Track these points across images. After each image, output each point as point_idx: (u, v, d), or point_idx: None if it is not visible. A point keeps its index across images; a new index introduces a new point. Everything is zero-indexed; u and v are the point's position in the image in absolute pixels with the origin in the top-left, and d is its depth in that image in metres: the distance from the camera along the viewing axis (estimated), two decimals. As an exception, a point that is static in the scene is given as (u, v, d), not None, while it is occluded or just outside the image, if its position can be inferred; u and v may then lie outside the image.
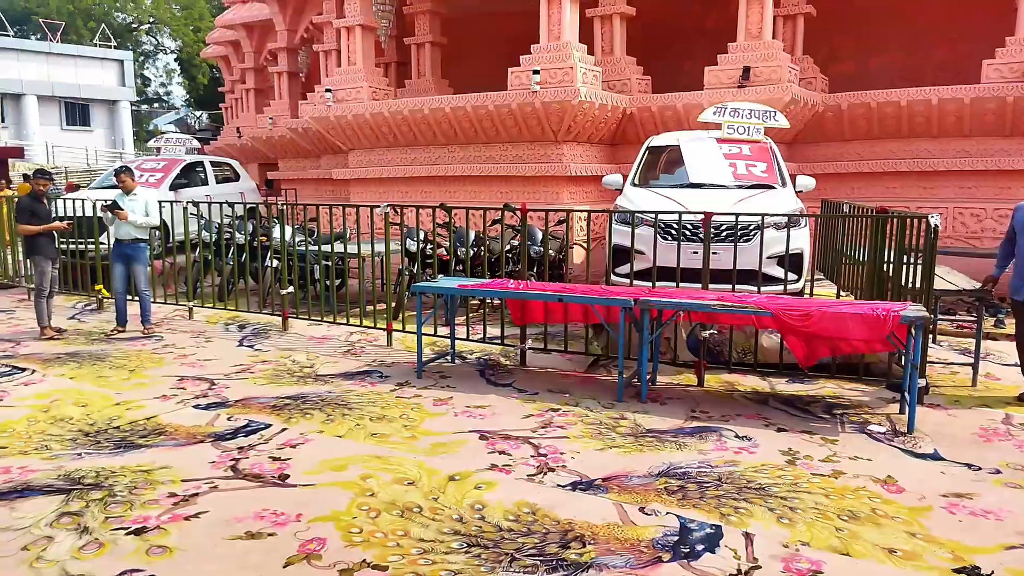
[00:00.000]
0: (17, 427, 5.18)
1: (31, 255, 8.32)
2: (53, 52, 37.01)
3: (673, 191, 7.43)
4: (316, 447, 4.79)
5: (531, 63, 10.48)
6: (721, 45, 10.76)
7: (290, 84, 17.89)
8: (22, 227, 8.11)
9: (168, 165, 13.10)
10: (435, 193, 11.64)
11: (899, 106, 10.59)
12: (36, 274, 8.24)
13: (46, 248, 8.18)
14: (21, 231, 8.24)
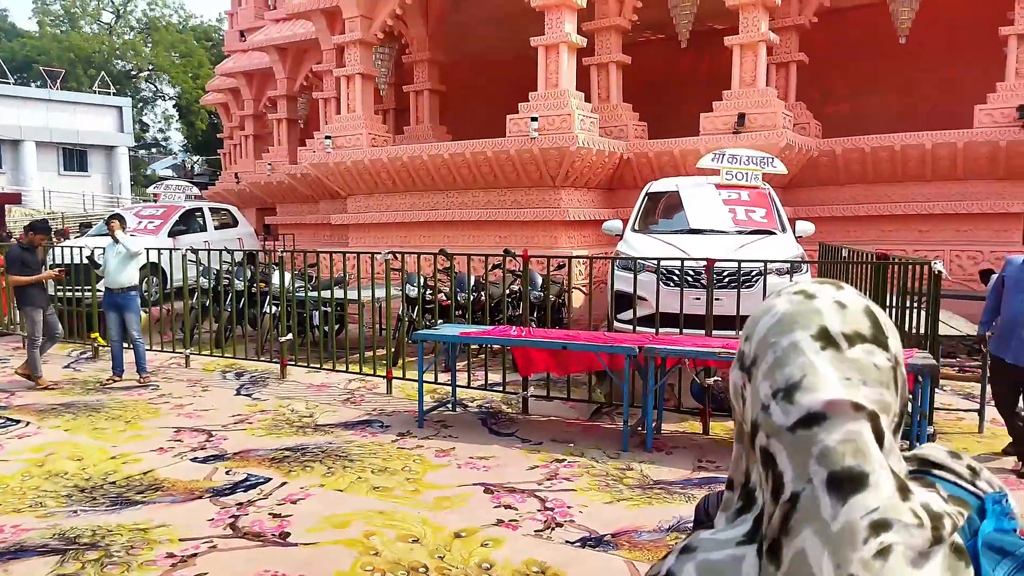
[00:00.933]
0: (11, 482, 5.07)
1: (22, 305, 8.26)
2: (52, 99, 37.36)
3: (674, 237, 7.45)
4: (317, 502, 4.69)
5: (529, 110, 10.59)
6: (715, 92, 10.91)
7: (289, 131, 18.04)
8: (13, 278, 8.03)
9: (167, 212, 13.12)
10: (434, 238, 11.66)
11: (893, 150, 10.71)
12: (27, 324, 8.16)
13: (36, 297, 8.11)
14: (12, 282, 8.17)
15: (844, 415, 0.74)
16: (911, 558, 0.72)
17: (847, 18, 12.74)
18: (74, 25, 47.16)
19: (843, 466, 0.73)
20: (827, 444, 0.74)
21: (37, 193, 34.27)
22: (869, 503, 0.73)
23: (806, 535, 0.73)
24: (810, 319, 0.79)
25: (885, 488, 0.73)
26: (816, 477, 0.74)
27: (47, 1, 47.58)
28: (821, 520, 0.73)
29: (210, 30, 49.00)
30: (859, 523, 0.72)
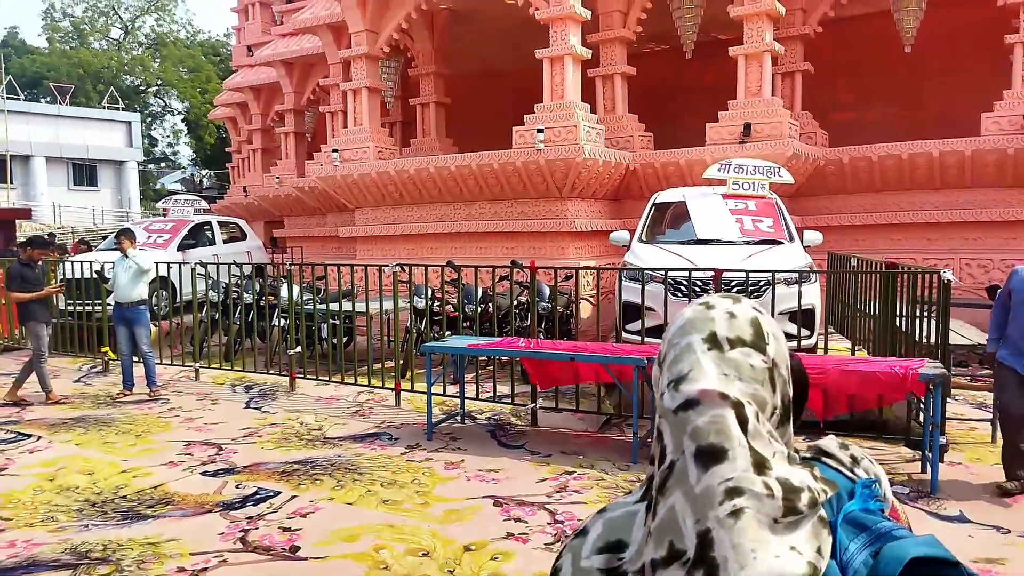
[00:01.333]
0: (22, 497, 5.09)
1: (25, 321, 8.21)
2: (62, 115, 37.71)
3: (681, 247, 7.45)
4: (327, 516, 4.69)
5: (535, 122, 10.63)
6: (720, 102, 10.94)
7: (296, 144, 18.15)
8: (13, 294, 8.02)
9: (176, 226, 13.20)
10: (441, 250, 11.70)
11: (900, 159, 10.69)
12: (32, 339, 8.11)
13: (39, 313, 8.08)
14: (13, 299, 8.17)
15: (713, 402, 0.92)
16: (763, 522, 0.88)
17: (852, 27, 12.76)
18: (83, 41, 47.63)
19: (707, 442, 0.91)
20: (697, 424, 0.92)
21: (47, 208, 34.52)
22: (726, 473, 0.90)
23: (676, 495, 0.91)
24: (704, 325, 0.98)
25: (741, 462, 0.90)
26: (687, 450, 0.92)
27: (56, 18, 48.14)
28: (688, 484, 0.91)
29: (218, 45, 49.41)
30: (716, 488, 0.89)
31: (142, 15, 49.88)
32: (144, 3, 49.33)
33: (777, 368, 0.98)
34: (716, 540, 0.88)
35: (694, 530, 0.89)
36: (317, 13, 14.40)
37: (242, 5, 21.09)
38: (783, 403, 0.98)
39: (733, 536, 0.87)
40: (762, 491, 0.89)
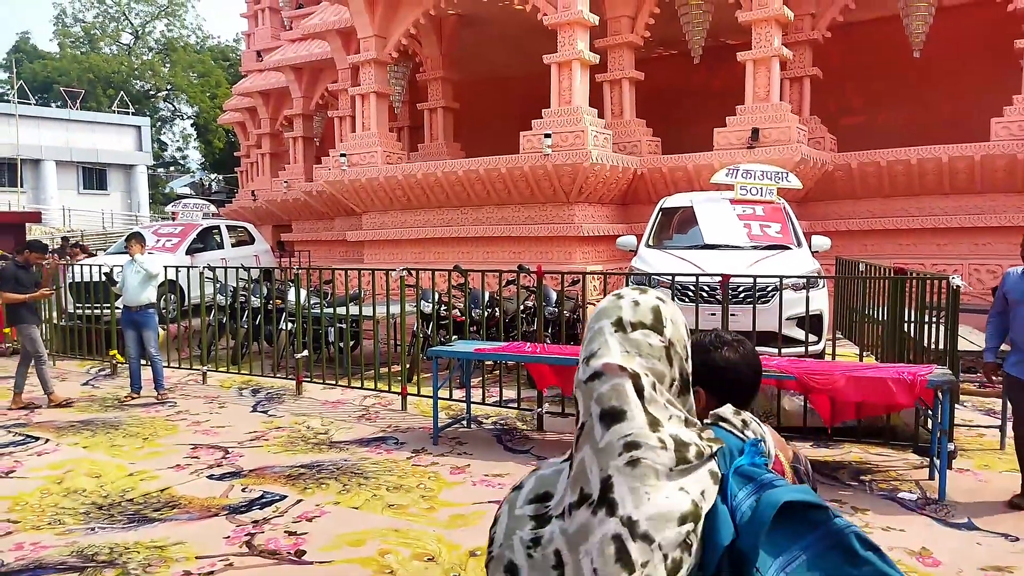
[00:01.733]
0: (30, 500, 5.11)
1: (16, 323, 8.14)
2: (72, 119, 37.99)
3: (688, 252, 7.43)
4: (332, 520, 4.69)
5: (543, 127, 10.64)
6: (728, 107, 10.92)
7: (305, 149, 18.22)
8: (5, 295, 7.97)
9: (185, 230, 13.26)
10: (449, 254, 11.71)
11: (909, 164, 10.65)
12: (27, 342, 8.01)
13: (28, 315, 8.02)
14: (4, 299, 8.15)
15: (614, 374, 1.13)
16: (658, 470, 1.09)
17: (861, 32, 12.73)
18: (94, 46, 47.98)
19: (609, 405, 1.12)
20: (601, 391, 1.13)
21: (57, 212, 34.73)
22: (624, 431, 1.11)
23: (585, 450, 1.13)
24: (613, 312, 1.19)
25: (638, 421, 1.11)
26: (593, 412, 1.13)
27: (67, 23, 48.52)
28: (593, 440, 1.12)
29: (227, 50, 49.70)
30: (616, 443, 1.10)
31: (152, 20, 50.25)
32: (154, 8, 49.68)
33: (674, 347, 1.18)
34: (615, 484, 1.09)
35: (598, 477, 1.11)
36: (326, 19, 14.47)
37: (252, 11, 21.21)
38: (681, 376, 1.19)
39: (630, 481, 1.09)
40: (656, 445, 1.11)
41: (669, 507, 1.08)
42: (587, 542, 1.09)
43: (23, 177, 34.51)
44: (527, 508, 1.21)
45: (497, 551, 1.22)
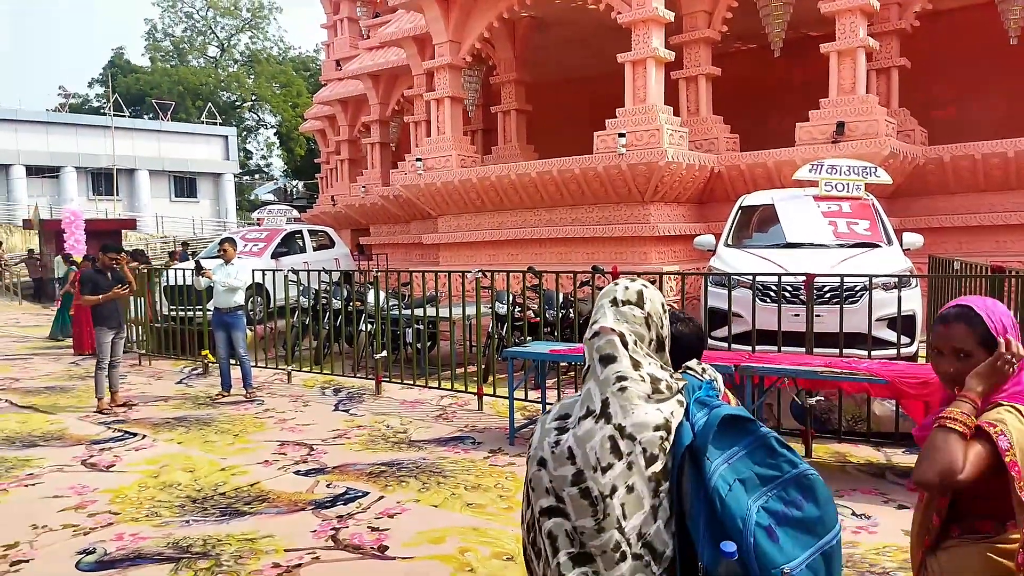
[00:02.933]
0: (129, 493, 5.38)
1: (95, 325, 8.42)
2: (164, 130, 39.93)
3: (769, 251, 7.24)
4: (413, 517, 4.76)
5: (617, 126, 10.56)
6: (810, 100, 10.58)
7: (382, 154, 18.60)
8: (84, 298, 8.25)
9: (270, 235, 13.73)
10: (522, 256, 11.74)
11: (1006, 157, 10.10)
12: (96, 345, 8.28)
13: (107, 319, 8.21)
14: (83, 303, 8.50)
15: (607, 333, 1.72)
16: (640, 395, 1.66)
17: (951, 20, 12.14)
18: (183, 60, 50.25)
19: (605, 352, 1.71)
20: (598, 344, 1.72)
21: (151, 219, 36.54)
22: (616, 368, 1.69)
23: (590, 382, 1.71)
24: (611, 293, 1.80)
25: (624, 363, 1.69)
26: (594, 358, 1.72)
27: (158, 38, 50.96)
28: (596, 375, 1.70)
29: (308, 60, 51.23)
30: (611, 376, 1.69)
31: (237, 33, 52.27)
32: (239, 22, 51.67)
33: (651, 318, 1.78)
34: (610, 403, 1.67)
35: (599, 399, 1.68)
36: (402, 26, 14.74)
37: (331, 22, 21.79)
38: (657, 338, 1.79)
39: (620, 400, 1.67)
40: (638, 378, 1.69)
41: (647, 419, 1.66)
42: (591, 440, 1.66)
43: (119, 186, 36.43)
44: (553, 424, 1.79)
45: (533, 451, 1.80)
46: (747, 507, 1.58)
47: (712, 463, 1.62)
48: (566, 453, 1.65)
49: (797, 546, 1.57)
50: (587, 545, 1.60)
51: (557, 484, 1.65)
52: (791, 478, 1.63)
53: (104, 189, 36.93)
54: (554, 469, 1.67)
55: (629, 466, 1.61)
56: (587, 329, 1.73)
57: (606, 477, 1.60)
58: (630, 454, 1.61)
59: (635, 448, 1.62)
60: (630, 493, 1.60)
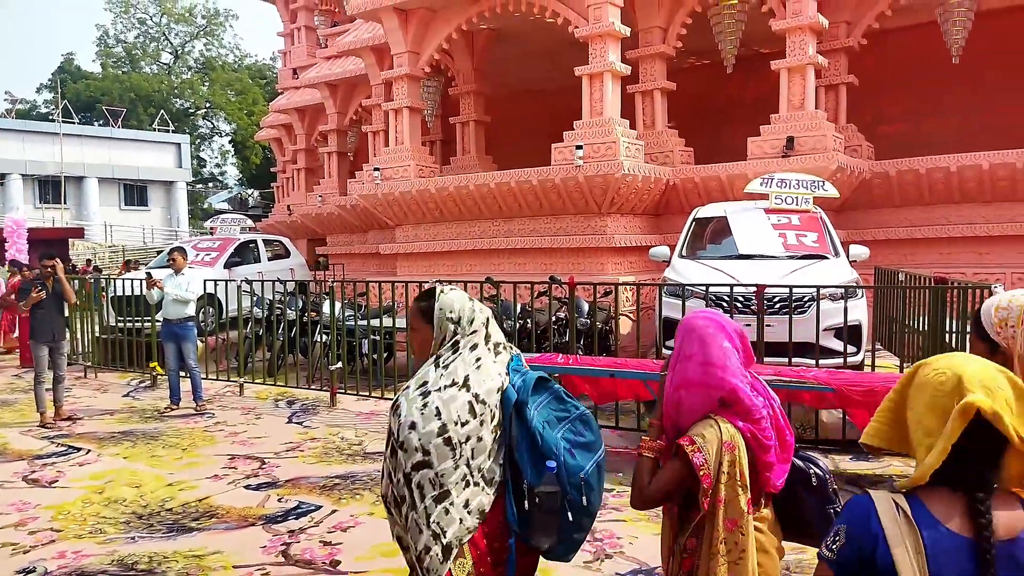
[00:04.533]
0: (72, 509, 5.22)
1: (29, 339, 8.21)
2: (114, 137, 39.01)
3: (722, 262, 7.36)
4: (367, 530, 4.71)
5: (574, 138, 10.65)
6: (762, 116, 10.82)
7: (339, 163, 18.46)
8: (19, 307, 8.07)
9: (223, 244, 13.50)
10: (481, 266, 11.74)
11: (949, 171, 10.44)
12: (34, 359, 8.04)
13: (41, 334, 7.96)
14: (20, 311, 8.20)
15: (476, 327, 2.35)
16: (491, 370, 2.26)
17: (898, 39, 12.54)
18: (135, 66, 49.26)
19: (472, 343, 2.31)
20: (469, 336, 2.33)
21: (99, 227, 35.63)
22: (477, 353, 2.28)
23: (457, 360, 2.26)
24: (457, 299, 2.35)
25: (482, 349, 2.29)
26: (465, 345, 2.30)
27: (110, 44, 49.90)
28: (463, 357, 2.27)
29: (264, 68, 50.68)
30: (472, 358, 2.26)
31: (191, 40, 51.47)
32: (193, 29, 50.90)
33: (460, 324, 2.29)
34: (471, 376, 2.22)
35: (463, 374, 2.21)
36: (360, 36, 14.68)
37: (288, 30, 21.61)
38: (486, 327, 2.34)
39: (478, 376, 2.22)
40: (488, 346, 2.30)
41: (492, 386, 2.22)
42: (455, 403, 2.14)
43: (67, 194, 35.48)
44: (416, 392, 2.19)
45: (404, 418, 2.14)
46: (557, 438, 2.22)
47: (531, 411, 2.22)
48: (434, 412, 2.12)
49: (586, 460, 2.24)
50: (446, 484, 2.09)
51: (425, 439, 2.09)
52: (576, 416, 2.32)
53: (51, 197, 35.93)
54: (423, 427, 2.10)
55: (481, 423, 2.16)
56: None
57: (464, 429, 2.13)
58: (482, 414, 2.16)
59: (485, 409, 2.17)
60: (479, 442, 2.15)
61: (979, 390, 1.44)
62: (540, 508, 2.14)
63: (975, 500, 1.45)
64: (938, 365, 1.54)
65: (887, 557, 1.45)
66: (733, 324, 2.31)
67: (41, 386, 7.93)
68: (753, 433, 2.17)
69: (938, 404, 1.48)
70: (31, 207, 34.91)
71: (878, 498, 1.52)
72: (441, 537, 2.08)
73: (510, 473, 2.22)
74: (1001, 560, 1.42)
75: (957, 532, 1.45)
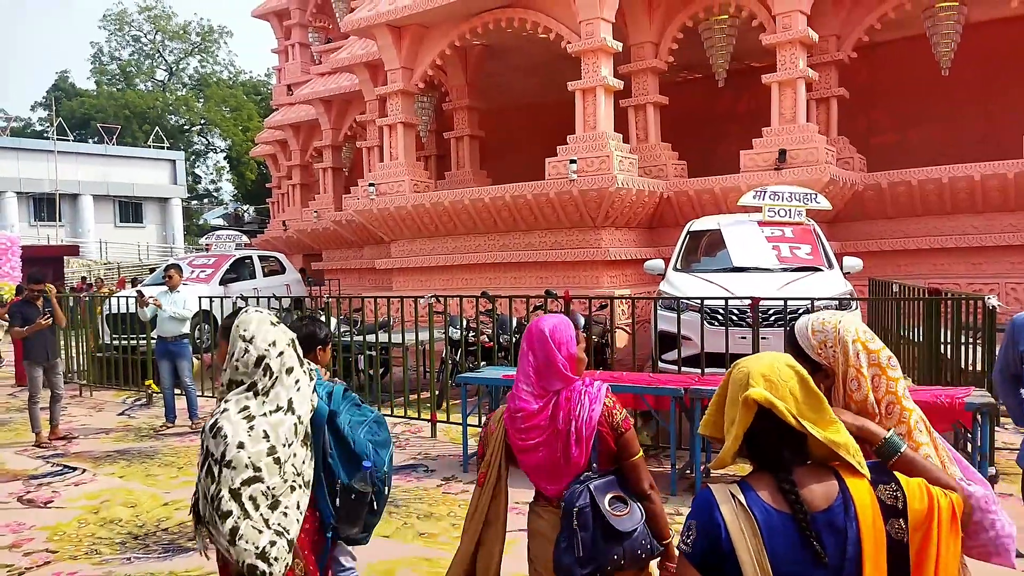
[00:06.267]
0: (67, 530, 5.19)
1: (24, 359, 8.15)
2: (109, 154, 39.04)
3: (717, 275, 7.40)
4: (363, 548, 4.67)
5: (568, 153, 10.71)
6: (754, 129, 10.90)
7: (334, 179, 18.51)
8: (12, 331, 8.04)
9: (218, 261, 13.50)
10: (476, 280, 11.77)
11: (941, 183, 10.52)
12: (28, 379, 8.02)
13: (35, 354, 7.91)
14: (12, 335, 8.23)
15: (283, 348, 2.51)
16: (307, 392, 2.47)
17: (887, 52, 12.66)
18: (129, 83, 49.37)
19: (288, 365, 2.47)
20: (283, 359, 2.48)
21: (94, 244, 35.57)
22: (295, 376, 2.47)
23: (278, 386, 2.43)
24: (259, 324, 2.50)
25: (299, 372, 2.49)
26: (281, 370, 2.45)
27: (104, 61, 50.04)
28: (283, 382, 2.45)
29: (259, 85, 50.82)
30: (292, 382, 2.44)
31: (186, 57, 51.64)
32: (188, 46, 51.07)
33: (253, 343, 2.42)
34: (294, 400, 2.40)
35: (287, 398, 2.39)
36: (354, 52, 14.76)
37: (282, 47, 21.72)
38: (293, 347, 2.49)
39: (298, 398, 2.41)
40: (305, 378, 2.48)
41: (308, 407, 2.44)
42: (282, 427, 2.34)
43: (61, 211, 35.45)
44: (239, 416, 2.31)
45: (231, 439, 2.27)
46: (365, 440, 2.60)
47: (341, 418, 2.59)
48: (262, 434, 2.30)
49: (383, 454, 2.64)
50: (277, 495, 2.30)
51: (255, 457, 2.27)
52: (372, 419, 2.72)
53: (46, 215, 35.92)
54: (252, 447, 2.27)
55: (302, 439, 2.41)
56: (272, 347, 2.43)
57: (290, 449, 2.35)
58: (302, 431, 2.41)
59: (303, 427, 2.42)
60: (296, 456, 2.38)
61: (761, 383, 1.65)
62: (354, 502, 2.52)
63: (778, 479, 1.64)
64: (742, 363, 1.75)
65: (730, 542, 1.61)
66: (538, 335, 2.51)
67: (36, 406, 7.88)
68: (510, 428, 2.56)
69: (736, 397, 1.69)
70: (26, 225, 34.89)
71: (716, 490, 1.68)
72: (285, 534, 2.31)
73: (325, 474, 2.54)
74: (822, 528, 1.60)
75: (780, 510, 1.62)
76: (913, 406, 1.97)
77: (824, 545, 1.59)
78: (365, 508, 2.57)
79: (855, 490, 1.64)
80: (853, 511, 1.61)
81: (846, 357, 1.96)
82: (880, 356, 1.97)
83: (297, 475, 2.39)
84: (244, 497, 2.25)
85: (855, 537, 1.60)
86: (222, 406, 2.36)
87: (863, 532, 1.60)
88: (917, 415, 1.96)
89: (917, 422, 1.95)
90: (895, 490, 1.66)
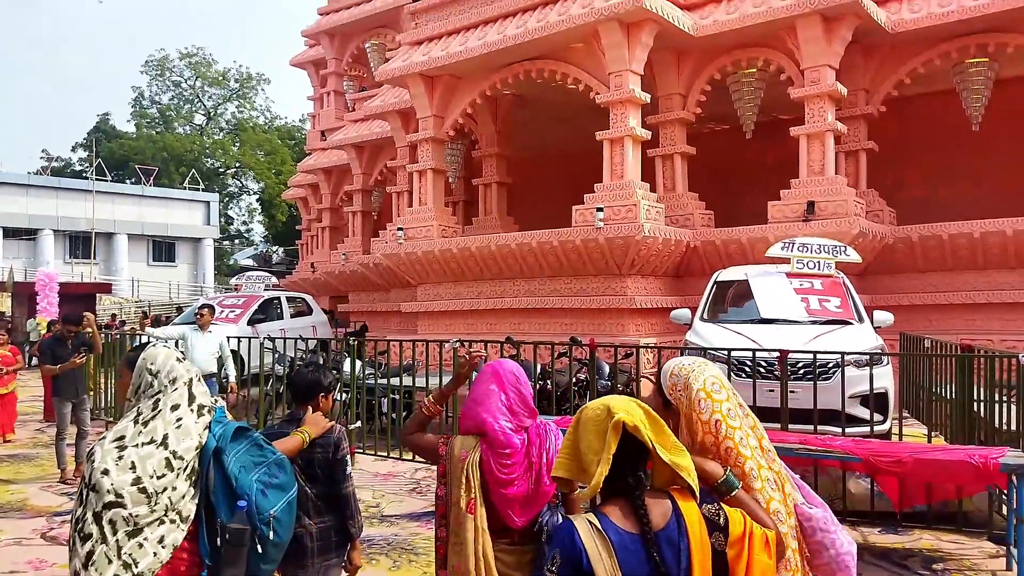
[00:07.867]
0: (89, 567, 5.18)
1: (52, 396, 8.25)
2: (145, 195, 40.03)
3: (744, 327, 7.33)
4: (383, 596, 4.63)
5: (595, 201, 10.78)
6: (782, 180, 10.90)
7: (363, 223, 18.77)
8: (42, 368, 8.11)
9: (247, 301, 13.66)
10: (501, 325, 11.78)
11: (972, 237, 10.41)
12: (56, 415, 8.07)
13: (64, 390, 7.96)
14: (43, 371, 8.31)
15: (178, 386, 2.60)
16: (190, 429, 2.52)
17: (917, 106, 12.67)
18: (168, 127, 50.82)
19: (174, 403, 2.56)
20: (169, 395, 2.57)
21: (127, 283, 36.24)
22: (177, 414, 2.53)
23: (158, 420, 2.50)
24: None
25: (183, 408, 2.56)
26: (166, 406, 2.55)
27: (145, 105, 51.63)
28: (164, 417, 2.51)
29: (293, 130, 52.03)
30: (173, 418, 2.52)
31: (224, 103, 53.12)
32: (227, 92, 52.58)
33: (158, 377, 2.55)
34: (169, 435, 2.46)
35: (162, 433, 2.45)
36: (387, 100, 15.10)
37: (318, 94, 22.28)
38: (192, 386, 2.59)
39: (177, 434, 2.46)
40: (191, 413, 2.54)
41: (190, 444, 2.47)
42: (151, 459, 2.38)
43: (96, 249, 36.24)
44: (112, 445, 2.40)
45: (98, 463, 2.36)
46: (251, 480, 2.55)
47: (229, 457, 2.54)
48: (129, 465, 2.35)
49: (277, 499, 2.59)
50: (140, 523, 2.34)
51: (118, 485, 2.32)
52: (272, 461, 2.66)
53: (82, 252, 36.73)
54: (116, 475, 2.33)
55: (177, 475, 2.42)
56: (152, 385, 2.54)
57: (161, 481, 2.38)
58: (179, 467, 2.42)
59: (182, 463, 2.43)
60: (175, 490, 2.40)
61: (622, 412, 1.88)
62: (230, 543, 2.47)
63: (633, 500, 1.88)
64: (591, 404, 1.97)
65: (590, 564, 1.82)
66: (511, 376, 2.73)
67: (63, 442, 7.92)
68: (492, 461, 2.62)
69: (599, 428, 1.90)
70: (61, 261, 35.69)
71: (576, 520, 1.90)
72: (132, 567, 2.32)
73: (205, 512, 2.52)
74: (662, 543, 1.85)
75: (629, 531, 1.86)
76: (749, 454, 2.22)
77: (664, 558, 1.83)
78: (245, 551, 2.50)
79: (686, 510, 1.89)
80: (684, 527, 1.87)
81: (689, 402, 2.24)
82: (722, 406, 2.22)
83: (172, 509, 2.40)
84: (104, 520, 2.32)
85: (687, 549, 1.85)
86: (104, 432, 2.48)
87: (692, 545, 1.86)
88: (753, 463, 2.22)
89: (752, 469, 2.21)
90: (717, 509, 1.95)
